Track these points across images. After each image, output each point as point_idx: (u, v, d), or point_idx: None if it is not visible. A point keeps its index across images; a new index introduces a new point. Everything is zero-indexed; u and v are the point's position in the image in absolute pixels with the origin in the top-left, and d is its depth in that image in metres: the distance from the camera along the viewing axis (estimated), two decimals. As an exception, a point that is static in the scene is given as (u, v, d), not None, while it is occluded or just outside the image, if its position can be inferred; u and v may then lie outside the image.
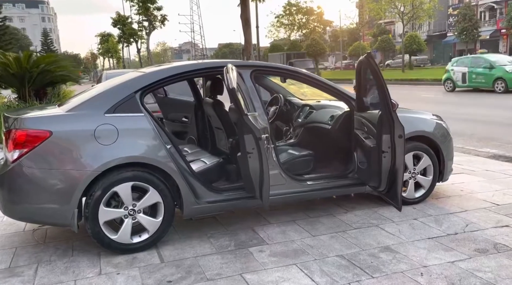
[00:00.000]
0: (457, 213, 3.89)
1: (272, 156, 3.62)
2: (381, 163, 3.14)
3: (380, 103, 3.10)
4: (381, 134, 3.09)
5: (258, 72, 3.79)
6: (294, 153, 4.12)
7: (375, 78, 3.07)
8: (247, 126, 2.89)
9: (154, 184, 3.19)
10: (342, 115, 4.04)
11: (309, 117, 4.51)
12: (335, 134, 4.09)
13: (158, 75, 3.45)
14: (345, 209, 4.07)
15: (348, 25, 60.06)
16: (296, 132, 4.64)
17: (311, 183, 3.84)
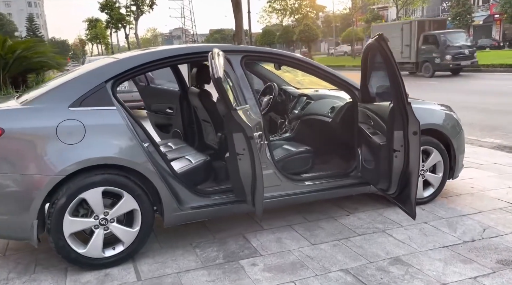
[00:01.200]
0: (471, 215, 3.51)
1: (266, 153, 3.18)
2: (392, 163, 2.72)
3: (393, 94, 2.65)
4: (392, 130, 2.66)
5: (250, 58, 3.33)
6: (290, 150, 3.68)
7: (387, 64, 2.63)
8: (236, 123, 2.43)
9: (129, 189, 2.74)
10: (344, 107, 3.60)
11: (307, 109, 4.07)
12: (336, 127, 3.66)
13: (134, 62, 2.96)
14: (347, 211, 3.66)
15: (341, 10, 59.24)
16: (292, 125, 4.20)
17: (310, 183, 3.42)
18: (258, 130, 2.86)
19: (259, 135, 2.71)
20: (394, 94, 2.62)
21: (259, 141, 2.95)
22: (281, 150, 3.75)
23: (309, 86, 4.80)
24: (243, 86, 3.16)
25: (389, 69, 2.62)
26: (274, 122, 4.75)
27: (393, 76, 2.60)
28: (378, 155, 2.85)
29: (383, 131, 2.90)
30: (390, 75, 2.62)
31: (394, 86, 2.61)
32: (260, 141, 3.01)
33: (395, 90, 2.60)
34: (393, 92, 2.63)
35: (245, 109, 2.89)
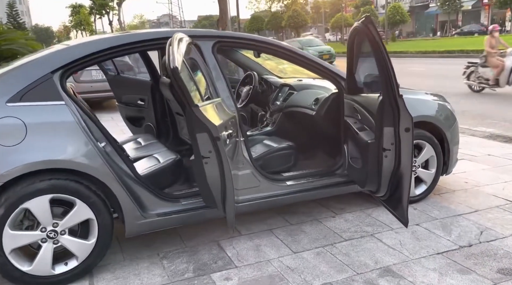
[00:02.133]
0: (467, 214, 3.23)
1: (242, 151, 2.85)
2: (382, 163, 2.40)
3: (382, 85, 2.32)
4: (381, 126, 2.33)
5: (224, 44, 2.96)
6: (271, 146, 3.35)
7: (375, 51, 2.28)
8: (198, 122, 2.08)
9: (82, 196, 2.39)
10: (329, 98, 3.26)
11: (289, 100, 3.73)
12: (320, 121, 3.32)
13: (86, 49, 2.57)
14: (333, 212, 3.36)
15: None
16: (273, 118, 3.86)
17: (292, 183, 3.09)
18: (231, 126, 2.52)
19: (230, 133, 2.36)
20: (384, 85, 2.28)
21: (234, 138, 2.61)
22: (261, 146, 3.42)
23: (292, 75, 4.45)
24: (215, 76, 2.81)
25: (377, 56, 2.28)
26: (255, 113, 4.41)
27: (382, 64, 2.26)
28: (366, 154, 2.53)
29: (371, 127, 2.57)
30: (379, 63, 2.28)
31: (383, 76, 2.27)
32: (235, 138, 2.68)
33: (385, 81, 2.27)
34: (383, 82, 2.29)
35: (217, 103, 2.53)
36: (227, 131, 2.30)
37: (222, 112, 2.52)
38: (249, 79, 4.15)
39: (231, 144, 2.56)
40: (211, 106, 2.30)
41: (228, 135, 2.29)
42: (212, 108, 2.32)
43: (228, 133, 2.29)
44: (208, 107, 2.23)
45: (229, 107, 2.78)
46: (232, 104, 2.82)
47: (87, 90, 8.43)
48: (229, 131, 2.31)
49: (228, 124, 2.41)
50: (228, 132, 2.29)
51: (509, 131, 6.20)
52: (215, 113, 2.31)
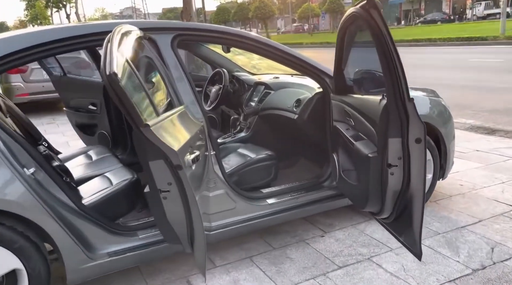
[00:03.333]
0: (471, 226, 2.86)
1: (213, 167, 2.34)
2: (387, 182, 1.95)
3: (387, 86, 1.85)
4: (386, 136, 1.87)
5: (185, 37, 2.42)
6: (247, 156, 2.85)
7: (379, 43, 1.81)
8: (151, 147, 1.54)
9: (2, 241, 1.81)
10: (313, 99, 2.79)
11: (266, 101, 3.23)
12: (303, 126, 2.85)
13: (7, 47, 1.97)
14: (321, 230, 2.91)
15: (296, -15, 58.15)
16: (248, 122, 3.36)
17: (274, 201, 2.62)
18: (199, 141, 2.00)
19: (197, 156, 1.82)
20: (389, 85, 1.82)
21: (203, 153, 2.10)
22: (235, 156, 2.91)
23: (267, 71, 3.95)
24: (177, 77, 2.27)
25: (381, 49, 1.81)
26: (227, 116, 3.90)
27: (387, 60, 1.80)
28: (366, 170, 2.08)
29: (369, 135, 2.12)
30: (384, 58, 1.81)
31: (389, 74, 1.81)
32: (204, 153, 2.17)
33: (391, 80, 1.81)
34: (388, 82, 1.83)
35: (178, 114, 2.00)
36: (193, 153, 1.77)
37: (186, 124, 2.00)
38: (218, 77, 3.62)
39: (199, 162, 2.05)
40: (170, 121, 1.77)
41: (195, 158, 1.76)
42: (172, 124, 1.78)
43: (194, 156, 1.76)
44: (165, 123, 1.70)
45: (195, 114, 2.26)
46: (199, 111, 2.30)
47: (39, 91, 7.63)
48: (195, 153, 1.78)
49: (194, 141, 1.89)
50: (194, 155, 1.76)
51: (489, 122, 5.96)
52: (176, 129, 1.78)
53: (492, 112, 6.55)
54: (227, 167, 2.74)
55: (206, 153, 2.27)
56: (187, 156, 1.70)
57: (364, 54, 2.28)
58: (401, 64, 1.77)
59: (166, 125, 1.66)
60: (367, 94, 2.23)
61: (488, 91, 8.21)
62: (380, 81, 2.24)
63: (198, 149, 1.91)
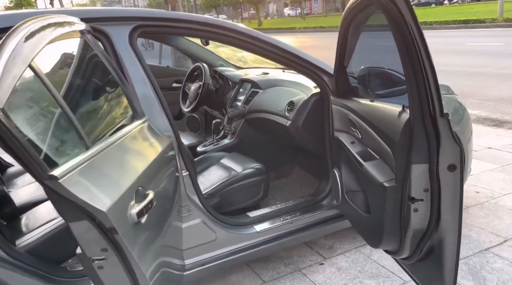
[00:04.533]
0: (495, 247, 2.44)
1: (186, 192, 1.88)
2: (409, 219, 1.49)
3: (410, 95, 1.36)
4: (408, 161, 1.40)
5: (148, 29, 1.91)
6: (231, 170, 2.39)
7: (401, 36, 1.31)
8: (68, 202, 1.04)
9: None
10: (309, 102, 2.32)
11: (253, 102, 2.75)
12: (297, 134, 2.38)
13: None
14: (320, 255, 2.47)
15: (289, -32, 56.79)
16: (233, 127, 2.88)
17: (263, 227, 2.16)
18: (156, 178, 1.51)
19: (150, 202, 1.31)
20: (415, 95, 1.34)
21: (173, 178, 1.64)
22: (218, 170, 2.45)
23: (255, 64, 3.45)
24: (136, 80, 1.79)
25: (404, 47, 1.32)
26: (211, 116, 3.41)
27: (412, 60, 1.31)
28: (379, 202, 1.62)
29: (382, 154, 1.65)
30: (407, 57, 1.32)
31: (414, 80, 1.33)
32: (175, 173, 1.71)
33: (417, 88, 1.33)
34: (413, 90, 1.35)
35: (133, 134, 1.52)
36: (144, 197, 1.28)
37: (142, 148, 1.52)
38: (198, 73, 3.12)
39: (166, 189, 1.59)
40: (107, 154, 1.25)
41: (147, 206, 1.26)
42: (110, 157, 1.27)
43: (146, 202, 1.26)
44: (96, 160, 1.17)
45: (161, 127, 1.78)
46: (166, 122, 1.82)
47: None
48: (147, 197, 1.29)
49: (150, 175, 1.41)
50: (146, 201, 1.27)
51: (495, 112, 5.54)
52: (117, 164, 1.28)
53: (497, 101, 6.12)
54: (206, 185, 2.29)
55: (177, 174, 1.80)
56: (132, 206, 1.21)
57: (376, 49, 1.80)
58: (433, 66, 1.30)
59: (96, 163, 1.17)
60: (379, 100, 1.76)
61: (490, 77, 7.77)
62: (395, 84, 1.78)
63: (157, 184, 1.43)
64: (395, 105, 1.57)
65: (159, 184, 1.49)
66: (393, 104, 1.59)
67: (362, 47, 1.93)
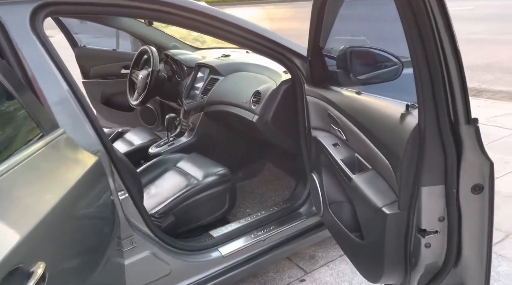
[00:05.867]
0: (496, 245, 2.15)
1: (126, 217, 1.47)
2: (418, 254, 1.12)
3: (422, 93, 0.95)
4: (417, 182, 1.02)
5: (56, 10, 1.42)
6: (190, 178, 1.97)
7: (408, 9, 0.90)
8: None
9: None
10: (278, 92, 1.89)
11: (213, 92, 2.30)
12: (266, 132, 1.97)
13: None
14: (300, 268, 2.13)
15: None
16: (190, 122, 2.43)
17: (230, 250, 1.77)
18: (59, 229, 1.07)
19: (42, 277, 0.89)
20: (426, 91, 0.93)
21: (109, 203, 1.22)
22: (173, 179, 2.03)
23: (215, 44, 2.97)
24: (43, 78, 1.32)
25: (410, 13, 0.90)
26: (167, 107, 2.94)
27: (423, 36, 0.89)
28: (377, 229, 1.23)
29: (376, 164, 1.27)
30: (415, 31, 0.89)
31: (426, 67, 0.92)
32: (109, 198, 1.29)
33: (430, 81, 0.92)
34: (422, 85, 0.93)
35: (28, 160, 1.06)
36: (39, 261, 0.84)
37: (48, 180, 1.07)
38: (147, 58, 2.63)
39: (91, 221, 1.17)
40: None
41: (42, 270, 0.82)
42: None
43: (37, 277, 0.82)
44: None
45: (84, 141, 1.34)
46: (92, 133, 1.38)
47: None
48: (35, 277, 0.85)
49: (57, 220, 0.97)
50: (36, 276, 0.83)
51: (472, 81, 5.30)
52: None
53: (473, 68, 5.87)
54: (158, 200, 1.87)
55: (111, 197, 1.38)
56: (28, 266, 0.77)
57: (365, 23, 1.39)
58: (456, 46, 0.89)
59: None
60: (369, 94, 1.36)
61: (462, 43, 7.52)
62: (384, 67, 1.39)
63: (69, 230, 1.00)
64: (394, 102, 1.18)
65: (72, 227, 1.06)
66: (391, 101, 1.20)
67: (342, 22, 1.51)
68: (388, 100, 1.23)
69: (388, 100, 1.23)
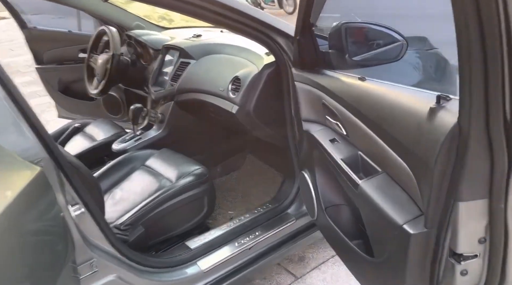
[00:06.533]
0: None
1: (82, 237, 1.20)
2: (452, 281, 0.91)
3: (467, 84, 0.73)
4: (452, 198, 0.79)
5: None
6: (162, 179, 1.70)
7: None
8: None
9: None
10: (261, 77, 1.63)
11: (184, 78, 2.00)
12: (249, 124, 1.71)
13: None
14: (289, 271, 1.92)
15: None
16: (159, 113, 2.13)
17: (211, 263, 1.53)
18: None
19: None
20: (475, 84, 0.70)
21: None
22: (141, 181, 1.75)
23: (185, 22, 2.65)
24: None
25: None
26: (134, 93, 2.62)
27: (482, 14, 0.66)
28: (392, 245, 1.01)
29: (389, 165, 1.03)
30: (473, 5, 0.66)
31: (480, 53, 0.69)
32: (59, 215, 1.02)
33: (484, 66, 0.68)
34: (471, 75, 0.70)
35: None
36: None
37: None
38: (106, 40, 2.29)
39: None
40: None
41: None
42: None
43: None
44: None
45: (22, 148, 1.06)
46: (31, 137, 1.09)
47: None
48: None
49: None
50: None
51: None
52: None
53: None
54: (124, 208, 1.60)
55: (62, 214, 1.11)
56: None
57: None
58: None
59: None
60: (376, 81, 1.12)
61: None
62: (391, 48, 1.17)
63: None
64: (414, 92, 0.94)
65: (9, 259, 0.80)
66: (410, 90, 0.96)
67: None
68: (405, 89, 0.99)
69: (405, 89, 0.99)
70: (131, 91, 2.67)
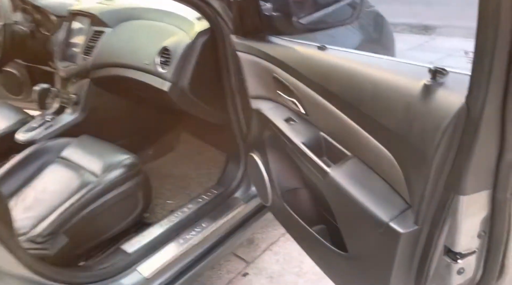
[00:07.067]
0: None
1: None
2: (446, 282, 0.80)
3: (479, 49, 0.58)
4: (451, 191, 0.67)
5: None
6: (85, 174, 1.42)
7: None
8: None
9: None
10: (194, 48, 1.39)
11: (100, 51, 1.68)
12: (185, 103, 1.48)
13: None
14: (239, 257, 1.79)
15: None
16: (74, 94, 1.78)
17: (153, 268, 1.33)
18: None
19: None
20: (498, 59, 0.56)
21: None
22: (58, 178, 1.46)
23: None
24: None
25: None
26: (38, 69, 2.20)
27: None
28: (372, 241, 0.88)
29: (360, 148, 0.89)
30: None
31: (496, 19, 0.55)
32: None
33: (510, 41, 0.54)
34: (495, 49, 0.55)
35: None
36: None
37: None
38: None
39: None
40: None
41: None
42: None
43: None
44: None
45: None
46: None
47: None
48: None
49: None
50: None
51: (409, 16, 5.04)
52: None
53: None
54: (39, 214, 1.32)
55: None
56: None
57: None
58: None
59: None
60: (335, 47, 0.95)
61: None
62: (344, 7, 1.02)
63: None
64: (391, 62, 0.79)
65: None
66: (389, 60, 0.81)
67: None
68: (382, 60, 0.84)
69: (382, 60, 0.84)
70: (35, 67, 2.25)
